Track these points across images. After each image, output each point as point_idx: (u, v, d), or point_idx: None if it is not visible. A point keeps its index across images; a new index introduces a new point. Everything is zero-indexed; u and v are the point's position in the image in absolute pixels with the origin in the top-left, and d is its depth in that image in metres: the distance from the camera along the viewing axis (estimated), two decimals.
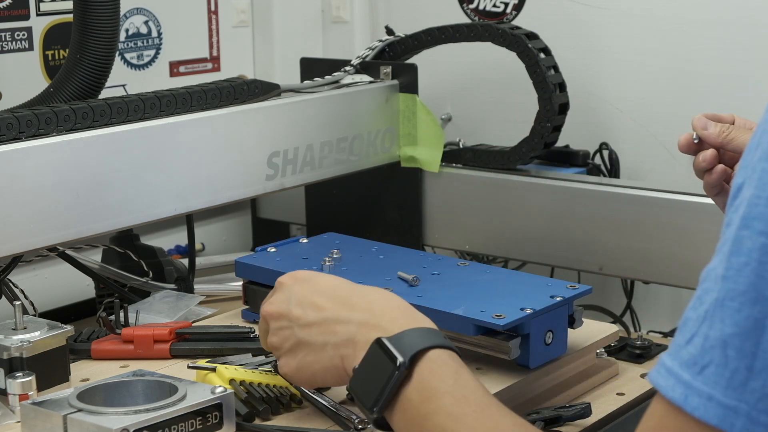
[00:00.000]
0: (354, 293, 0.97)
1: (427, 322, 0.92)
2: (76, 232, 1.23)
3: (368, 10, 1.88)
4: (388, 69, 1.59)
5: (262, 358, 1.17)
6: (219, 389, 1.01)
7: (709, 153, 1.11)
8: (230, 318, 1.35)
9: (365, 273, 1.26)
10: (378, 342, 0.88)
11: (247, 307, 1.33)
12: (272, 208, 1.82)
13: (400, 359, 0.86)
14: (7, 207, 1.16)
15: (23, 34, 1.50)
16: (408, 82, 1.59)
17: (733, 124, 1.12)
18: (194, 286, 1.49)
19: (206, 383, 1.05)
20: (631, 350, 1.28)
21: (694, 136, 1.12)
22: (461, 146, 1.66)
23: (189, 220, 1.49)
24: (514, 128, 1.61)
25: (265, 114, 1.42)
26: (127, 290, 1.43)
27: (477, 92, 1.77)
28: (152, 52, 1.69)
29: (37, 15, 1.51)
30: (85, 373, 1.19)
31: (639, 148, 1.63)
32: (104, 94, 1.36)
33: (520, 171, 1.57)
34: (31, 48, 1.52)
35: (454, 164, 1.60)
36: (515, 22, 1.66)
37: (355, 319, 0.93)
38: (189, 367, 1.13)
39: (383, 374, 0.86)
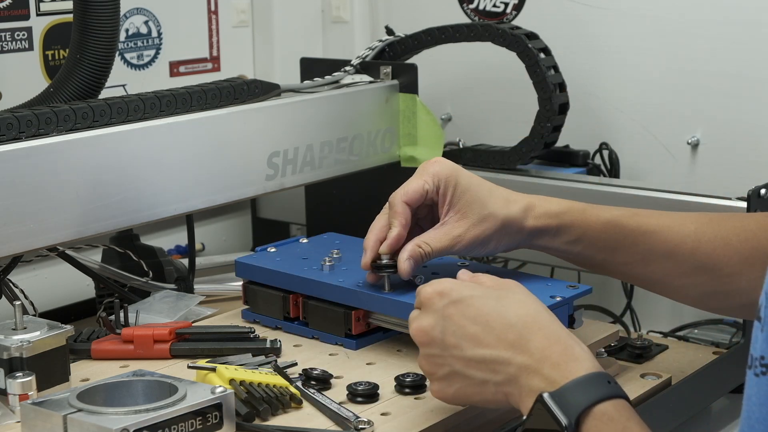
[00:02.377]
0: (509, 326, 0.93)
1: (587, 359, 0.90)
2: (76, 232, 1.23)
3: (368, 10, 1.88)
4: (388, 69, 1.59)
5: (262, 358, 1.17)
6: (219, 389, 1.01)
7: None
8: (230, 318, 1.35)
9: (365, 273, 1.26)
10: (541, 400, 0.87)
11: (247, 307, 1.33)
12: (272, 208, 1.82)
13: (564, 422, 0.85)
14: (7, 207, 1.16)
15: (23, 34, 1.50)
16: (408, 82, 1.58)
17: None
18: (194, 286, 1.49)
19: (206, 383, 1.05)
20: (632, 350, 1.28)
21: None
22: (461, 146, 1.66)
23: (189, 220, 1.49)
24: (514, 128, 1.61)
25: (265, 114, 1.42)
26: (127, 290, 1.43)
27: (477, 92, 1.77)
28: (152, 52, 1.69)
29: (37, 15, 1.51)
30: (85, 373, 1.18)
31: (639, 148, 1.63)
32: (104, 94, 1.36)
33: (520, 171, 1.56)
34: (31, 48, 1.52)
35: None
36: (515, 22, 1.66)
37: (516, 362, 0.91)
38: (189, 367, 1.12)
39: None
